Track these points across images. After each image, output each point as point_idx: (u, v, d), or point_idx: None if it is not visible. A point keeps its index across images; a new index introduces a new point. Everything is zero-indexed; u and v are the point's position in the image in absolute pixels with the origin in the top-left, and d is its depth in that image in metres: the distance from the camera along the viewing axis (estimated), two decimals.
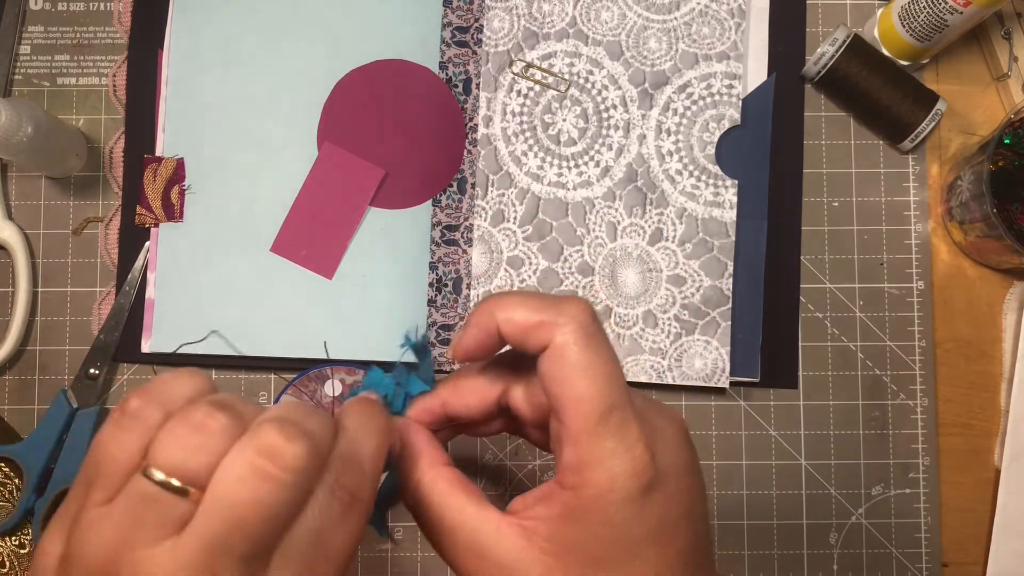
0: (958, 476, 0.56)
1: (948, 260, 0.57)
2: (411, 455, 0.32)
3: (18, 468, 0.55)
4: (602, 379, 0.29)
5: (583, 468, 0.28)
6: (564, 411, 0.29)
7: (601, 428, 0.28)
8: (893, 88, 0.55)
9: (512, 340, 0.31)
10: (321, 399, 0.55)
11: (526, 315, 0.30)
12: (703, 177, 0.56)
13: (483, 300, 0.32)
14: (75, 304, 0.57)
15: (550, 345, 0.29)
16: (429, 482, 0.31)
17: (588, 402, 0.28)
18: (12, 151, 0.51)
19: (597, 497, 0.28)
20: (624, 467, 0.28)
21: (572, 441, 0.29)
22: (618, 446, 0.28)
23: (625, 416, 0.29)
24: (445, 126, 0.57)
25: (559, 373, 0.29)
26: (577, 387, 0.29)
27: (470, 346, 0.32)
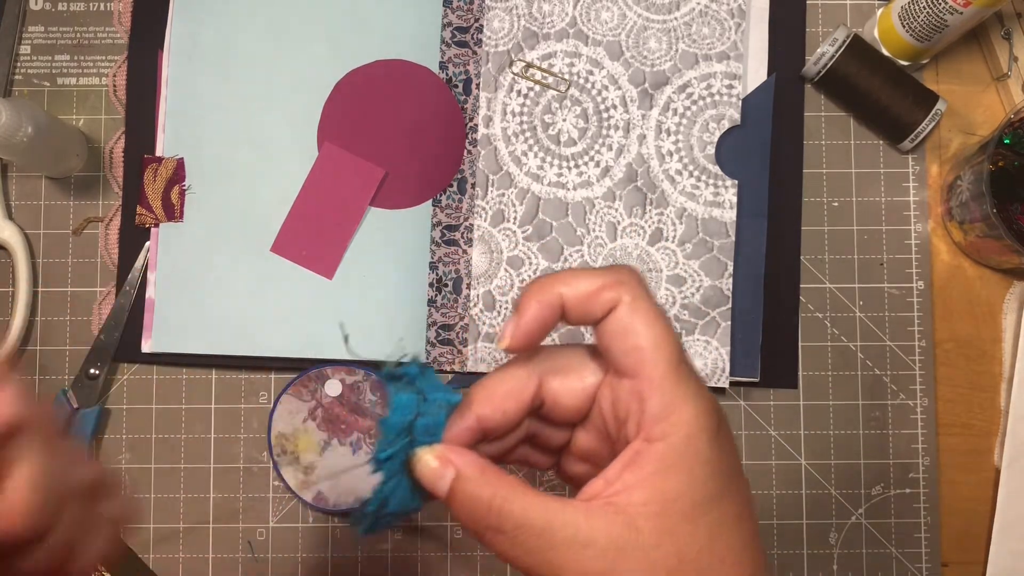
0: (958, 476, 0.56)
1: (948, 260, 0.57)
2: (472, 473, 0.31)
3: None
4: (670, 329, 0.31)
5: (671, 412, 0.29)
6: (644, 361, 0.30)
7: (681, 370, 0.30)
8: (893, 88, 0.55)
9: (576, 310, 0.31)
10: (321, 399, 0.55)
11: (591, 281, 0.31)
12: (703, 177, 0.56)
13: (530, 283, 0.32)
14: (75, 304, 0.57)
15: (619, 303, 0.31)
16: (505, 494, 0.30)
17: (668, 347, 0.30)
18: (12, 151, 0.51)
19: (690, 437, 0.29)
20: (706, 403, 0.30)
21: (657, 388, 0.30)
22: (696, 388, 0.30)
23: (690, 363, 0.31)
24: (445, 126, 0.57)
25: (635, 325, 0.30)
26: (655, 334, 0.30)
27: (532, 327, 0.32)
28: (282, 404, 0.55)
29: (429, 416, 0.32)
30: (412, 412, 0.32)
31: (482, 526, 0.30)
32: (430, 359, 0.56)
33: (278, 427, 0.55)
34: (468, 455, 0.32)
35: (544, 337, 0.32)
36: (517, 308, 0.32)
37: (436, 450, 0.32)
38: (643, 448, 0.30)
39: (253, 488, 0.56)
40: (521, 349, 0.32)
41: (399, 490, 0.32)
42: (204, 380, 0.57)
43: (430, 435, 0.32)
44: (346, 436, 0.55)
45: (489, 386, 0.33)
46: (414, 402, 0.32)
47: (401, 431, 0.32)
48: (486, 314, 0.55)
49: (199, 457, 0.56)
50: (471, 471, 0.31)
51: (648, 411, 0.30)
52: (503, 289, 0.56)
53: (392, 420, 0.32)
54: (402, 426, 0.32)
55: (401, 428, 0.32)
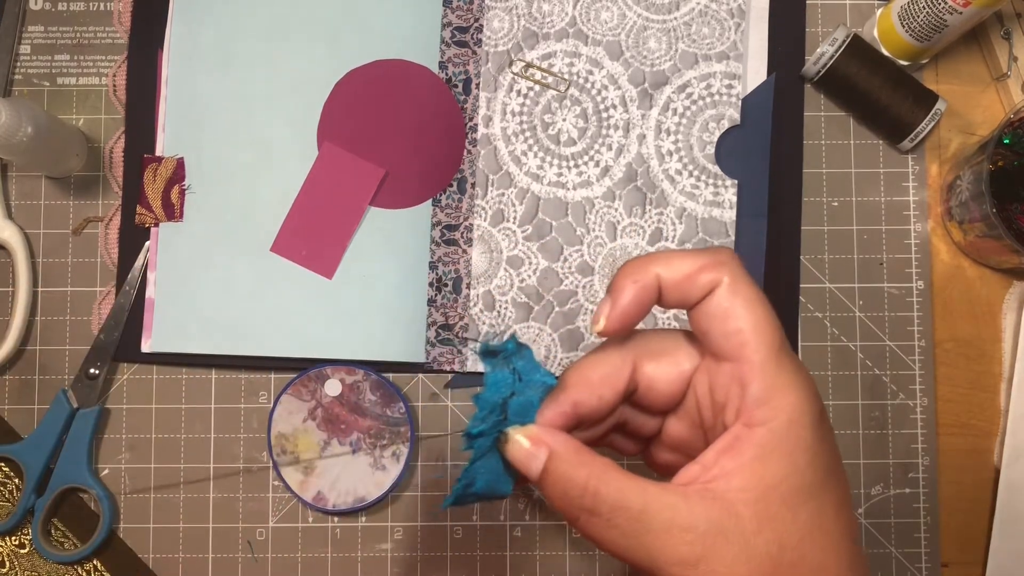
0: (958, 476, 0.56)
1: (948, 260, 0.57)
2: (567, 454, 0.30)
3: (18, 468, 0.55)
4: (771, 311, 0.30)
5: (773, 397, 0.29)
6: (745, 344, 0.29)
7: (782, 355, 0.29)
8: (893, 88, 0.55)
9: (675, 291, 0.31)
10: (321, 399, 0.55)
11: (690, 261, 0.30)
12: (703, 177, 0.56)
13: (625, 264, 0.31)
14: (75, 304, 0.57)
15: (720, 284, 0.30)
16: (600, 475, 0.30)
17: (769, 331, 0.29)
18: (12, 151, 0.51)
19: (791, 423, 0.29)
20: (808, 390, 0.29)
21: (759, 372, 0.29)
22: (798, 371, 0.29)
23: (790, 346, 0.30)
24: (445, 126, 0.57)
25: (736, 307, 0.30)
26: (755, 318, 0.30)
27: (629, 310, 0.31)
28: (282, 404, 0.55)
29: (523, 396, 0.31)
30: (507, 390, 0.31)
31: (576, 507, 0.30)
32: (430, 359, 0.56)
33: (278, 427, 0.55)
34: (561, 435, 0.31)
35: (639, 321, 0.31)
36: (612, 289, 0.31)
37: (529, 430, 0.31)
38: (743, 433, 0.29)
39: (253, 488, 0.56)
40: (616, 333, 0.31)
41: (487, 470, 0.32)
42: (204, 380, 0.57)
43: (523, 415, 0.31)
44: (346, 436, 0.55)
45: (584, 370, 0.32)
46: (509, 380, 0.31)
47: (494, 408, 0.31)
48: (486, 314, 0.55)
49: (199, 457, 0.56)
50: (566, 451, 0.30)
51: (749, 395, 0.29)
52: (503, 289, 0.56)
53: (486, 396, 0.31)
54: (495, 403, 0.31)
55: (494, 405, 0.31)
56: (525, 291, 0.56)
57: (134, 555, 0.56)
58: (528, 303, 0.55)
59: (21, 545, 0.56)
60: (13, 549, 0.56)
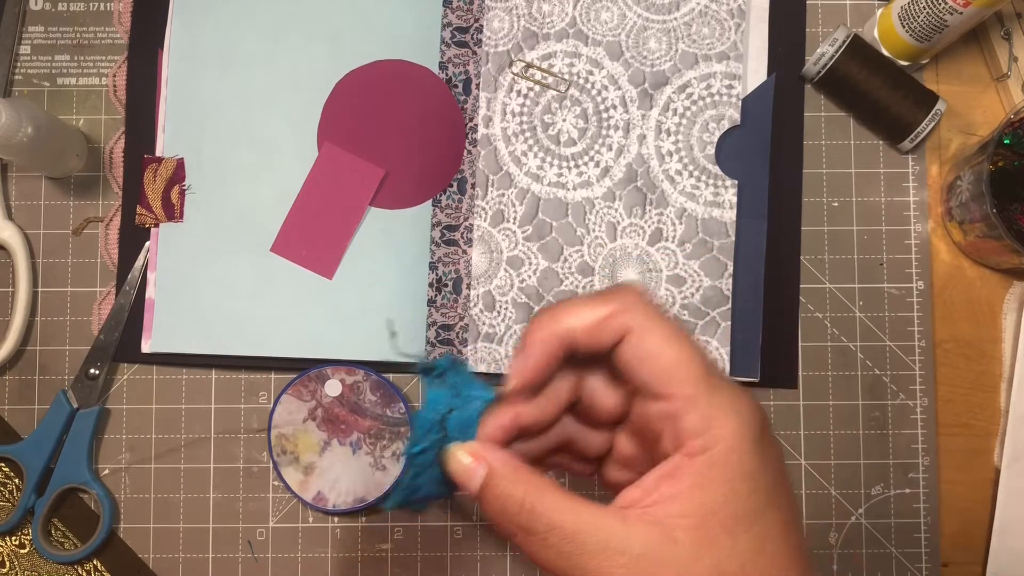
0: (958, 476, 0.56)
1: (948, 260, 0.57)
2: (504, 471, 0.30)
3: (18, 468, 0.55)
4: (688, 343, 0.30)
5: (711, 426, 0.29)
6: (670, 381, 0.29)
7: (712, 381, 0.29)
8: (893, 88, 0.55)
9: (584, 344, 0.31)
10: (321, 399, 0.55)
11: (595, 312, 0.30)
12: (703, 177, 0.56)
13: (534, 319, 0.31)
14: (75, 304, 0.57)
15: (630, 329, 0.30)
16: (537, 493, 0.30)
17: (690, 363, 0.29)
18: (12, 151, 0.51)
19: (731, 450, 0.28)
20: (745, 416, 0.29)
21: (691, 405, 0.29)
22: (732, 395, 0.29)
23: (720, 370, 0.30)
24: (445, 126, 0.57)
25: (652, 348, 0.30)
26: (674, 354, 0.29)
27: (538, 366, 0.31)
28: (282, 404, 0.55)
29: (462, 411, 0.32)
30: (445, 407, 0.32)
31: (513, 524, 0.30)
32: (430, 359, 0.55)
33: (278, 427, 0.55)
34: (501, 452, 0.31)
35: (554, 374, 0.32)
36: (522, 347, 0.31)
37: (469, 446, 0.31)
38: (682, 462, 0.29)
39: (253, 488, 0.56)
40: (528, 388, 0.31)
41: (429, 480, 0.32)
42: (204, 380, 0.57)
43: (463, 431, 0.32)
44: (346, 436, 0.55)
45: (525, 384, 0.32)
46: (447, 397, 0.32)
47: (433, 426, 0.31)
48: (486, 314, 0.55)
49: (199, 457, 0.56)
50: (504, 468, 0.30)
51: (684, 429, 0.29)
52: (503, 289, 0.56)
53: (424, 414, 0.31)
54: (434, 421, 0.31)
55: (433, 423, 0.31)
56: (525, 291, 0.56)
57: (134, 555, 0.56)
58: (528, 303, 0.55)
59: (21, 545, 0.56)
60: (13, 549, 0.56)
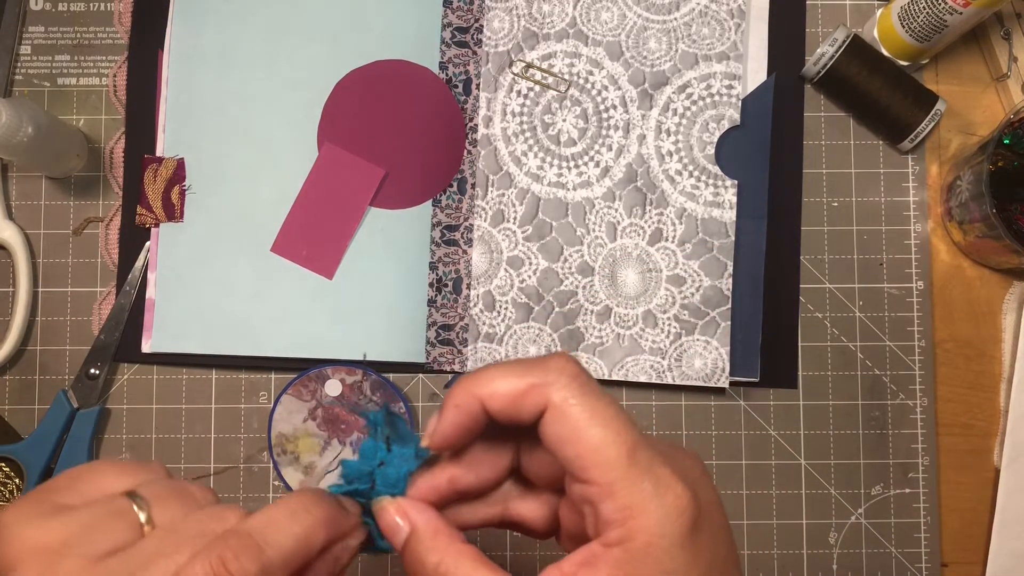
0: (958, 476, 0.56)
1: (948, 260, 0.57)
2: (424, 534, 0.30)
3: (18, 468, 0.55)
4: (614, 422, 0.28)
5: (628, 518, 0.27)
6: (588, 467, 0.27)
7: (633, 470, 0.27)
8: (893, 88, 0.55)
9: (502, 413, 0.29)
10: (321, 399, 0.55)
11: (512, 383, 0.29)
12: (703, 177, 0.56)
13: (457, 381, 0.30)
14: (75, 304, 0.57)
15: (548, 406, 0.28)
16: (452, 563, 0.29)
17: (611, 447, 0.27)
18: (12, 151, 0.51)
19: (648, 545, 0.27)
20: (670, 507, 0.27)
21: (608, 493, 0.27)
22: (657, 486, 0.27)
23: (651, 454, 0.28)
24: (445, 126, 0.57)
25: (568, 430, 0.28)
26: (593, 436, 0.27)
27: (449, 431, 0.30)
28: (282, 404, 0.55)
29: (393, 467, 0.31)
30: (376, 460, 0.31)
31: None
32: (430, 359, 0.56)
33: (278, 427, 0.55)
34: (427, 513, 0.30)
35: (468, 439, 0.31)
36: (441, 409, 0.30)
37: (398, 503, 0.31)
38: (599, 551, 0.27)
39: (253, 488, 0.56)
40: (444, 450, 0.31)
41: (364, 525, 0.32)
42: (204, 380, 0.57)
43: (391, 486, 0.31)
44: (346, 436, 0.55)
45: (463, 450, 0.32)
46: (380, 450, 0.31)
47: (361, 476, 0.31)
48: (486, 314, 0.55)
49: (199, 457, 0.56)
50: (424, 532, 0.30)
51: (601, 516, 0.27)
52: (503, 289, 0.56)
53: (354, 464, 0.31)
54: (363, 472, 0.31)
55: (362, 473, 0.31)
56: (525, 291, 0.56)
57: None
58: (528, 303, 0.55)
59: None
60: None
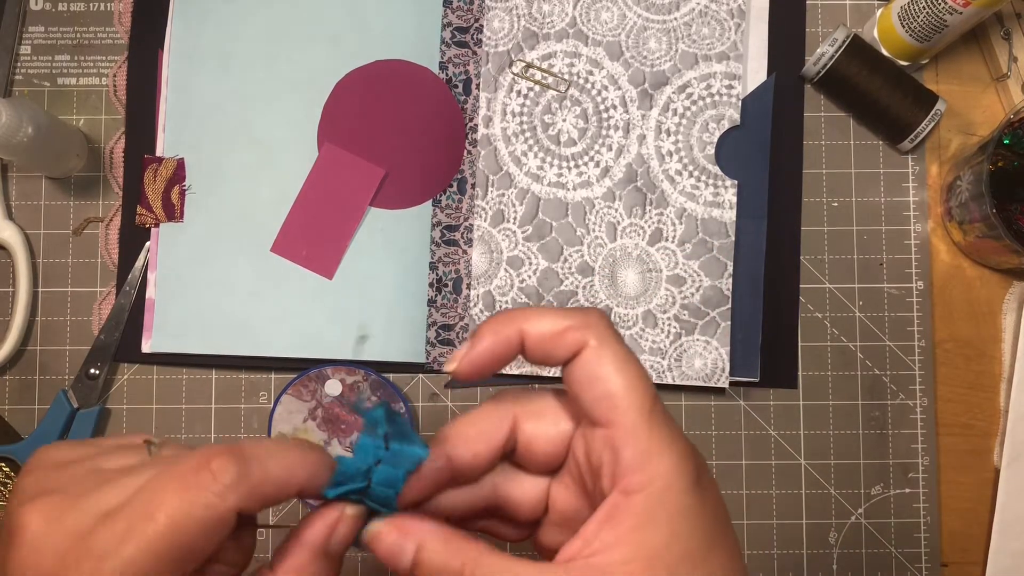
0: (958, 476, 0.56)
1: (948, 260, 0.57)
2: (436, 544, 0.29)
3: (18, 468, 0.55)
4: (642, 372, 0.29)
5: (648, 461, 0.28)
6: (614, 408, 0.29)
7: (655, 417, 0.29)
8: (893, 88, 0.55)
9: (538, 349, 0.30)
10: (321, 399, 0.55)
11: (555, 321, 0.30)
12: (703, 177, 0.56)
13: (495, 315, 0.31)
14: (75, 304, 0.57)
15: (585, 347, 0.29)
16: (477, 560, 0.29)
17: (639, 393, 0.29)
18: (12, 151, 0.51)
19: (668, 488, 0.28)
20: (683, 451, 0.28)
21: (631, 436, 0.28)
22: (672, 433, 0.29)
23: (664, 408, 0.29)
24: (445, 126, 0.57)
25: (603, 371, 0.29)
26: (625, 380, 0.29)
27: (481, 359, 0.30)
28: (282, 404, 0.55)
29: (391, 466, 0.30)
30: (373, 458, 0.30)
31: None
32: (430, 359, 0.56)
33: (278, 427, 0.55)
34: (428, 522, 0.29)
35: (496, 371, 0.31)
36: (473, 336, 0.30)
37: (392, 523, 0.29)
38: (620, 502, 0.28)
39: None
40: (467, 377, 0.31)
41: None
42: (204, 380, 0.57)
43: (388, 486, 0.30)
44: (346, 436, 0.55)
45: (461, 425, 0.32)
46: (377, 449, 0.30)
47: (357, 474, 0.29)
48: (486, 314, 0.55)
49: None
50: (436, 539, 0.29)
51: (623, 461, 0.28)
52: (503, 289, 0.56)
53: (350, 461, 0.29)
54: (360, 470, 0.29)
55: (358, 472, 0.29)
56: (525, 291, 0.56)
57: None
58: (528, 304, 0.55)
59: None
60: None
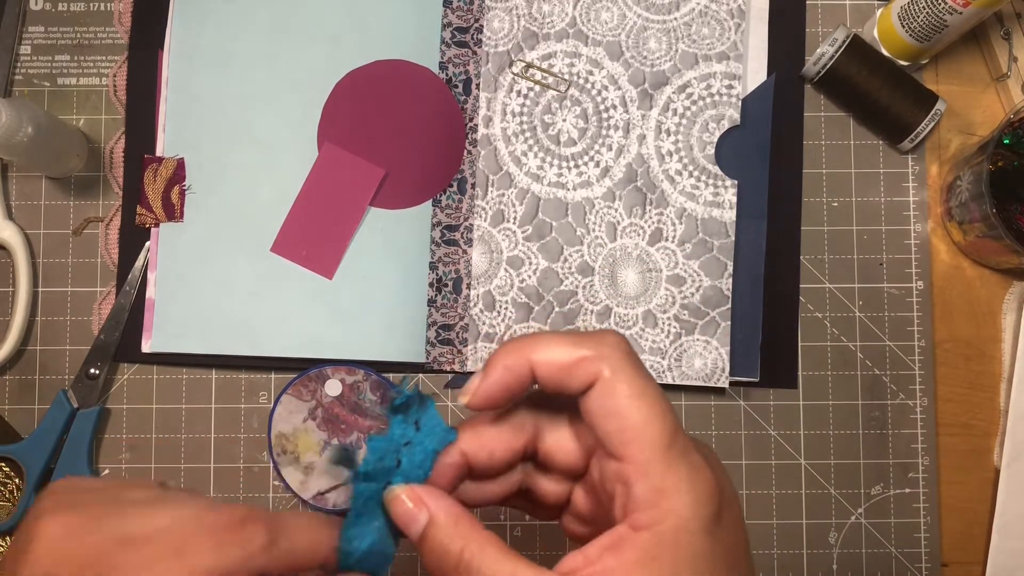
0: (958, 476, 0.56)
1: (947, 260, 0.57)
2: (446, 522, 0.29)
3: (18, 468, 0.55)
4: (659, 404, 0.28)
5: (661, 499, 0.27)
6: (629, 443, 0.28)
7: (671, 453, 0.27)
8: (893, 88, 0.55)
9: (551, 380, 0.29)
10: (321, 399, 0.55)
11: (567, 352, 0.29)
12: (703, 177, 0.56)
13: (507, 342, 0.30)
14: (75, 304, 0.57)
15: (599, 379, 0.28)
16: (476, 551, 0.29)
17: (654, 426, 0.28)
18: (12, 151, 0.51)
19: (679, 529, 0.27)
20: (700, 492, 0.27)
21: (643, 472, 0.27)
22: (691, 471, 0.27)
23: (687, 440, 0.28)
24: (445, 126, 0.57)
25: (617, 404, 0.28)
26: (640, 414, 0.28)
27: (493, 391, 0.30)
28: (282, 404, 0.55)
29: (420, 446, 0.31)
30: (403, 438, 0.31)
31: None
32: (430, 359, 0.56)
33: (278, 427, 0.55)
34: (444, 500, 0.30)
35: (509, 401, 0.31)
36: (486, 366, 0.30)
37: (412, 489, 0.30)
38: (627, 534, 0.27)
39: (253, 488, 0.56)
40: (481, 409, 0.30)
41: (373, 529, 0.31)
42: (204, 380, 0.57)
43: (417, 466, 0.31)
44: (346, 436, 0.55)
45: (479, 424, 0.32)
46: (407, 429, 0.31)
47: (387, 454, 0.31)
48: (486, 314, 0.55)
49: (199, 457, 0.56)
50: (445, 519, 0.29)
51: (634, 497, 0.27)
52: (503, 289, 0.56)
53: (380, 441, 0.31)
54: (389, 449, 0.31)
55: (387, 451, 0.31)
56: (525, 291, 0.56)
57: None
58: (528, 303, 0.55)
59: None
60: None
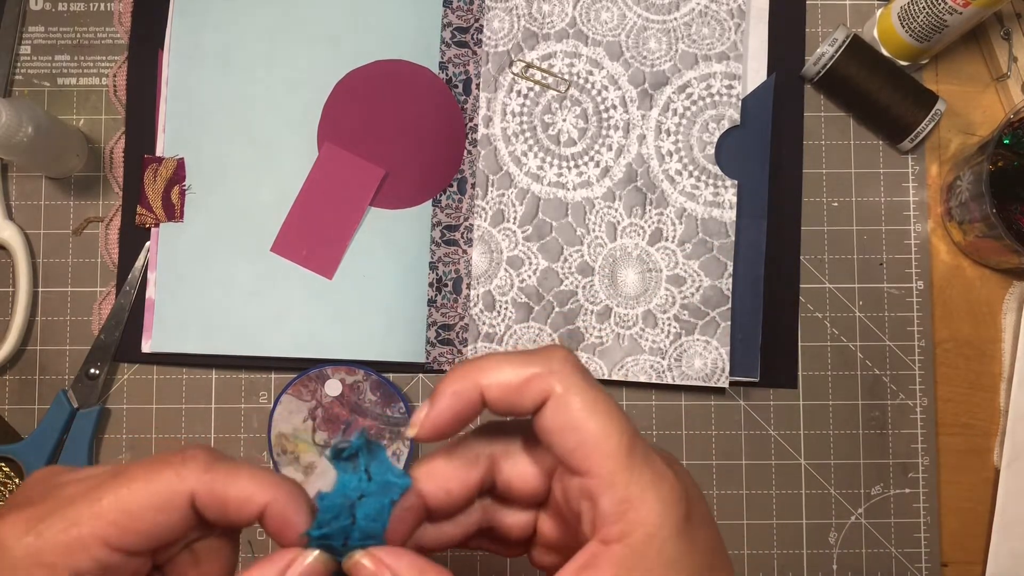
0: (958, 476, 0.56)
1: (948, 260, 0.57)
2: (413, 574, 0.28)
3: (18, 468, 0.55)
4: (615, 414, 0.28)
5: (628, 509, 0.27)
6: (589, 455, 0.27)
7: (633, 461, 0.27)
8: (893, 88, 0.55)
9: (502, 403, 0.28)
10: (321, 399, 0.55)
11: (515, 372, 0.28)
12: (703, 177, 0.56)
13: (452, 369, 0.29)
14: (75, 304, 0.57)
15: (551, 395, 0.28)
16: None
17: (612, 437, 0.27)
18: (12, 151, 0.51)
19: (650, 537, 0.27)
20: (666, 497, 0.27)
21: (607, 484, 0.27)
22: (655, 476, 0.27)
23: (646, 446, 0.28)
24: (445, 126, 0.57)
25: (572, 418, 0.27)
26: (596, 425, 0.27)
27: (442, 420, 0.29)
28: (282, 404, 0.55)
29: (375, 498, 0.29)
30: (356, 492, 0.29)
31: None
32: (430, 359, 0.56)
33: (278, 427, 0.55)
34: (406, 556, 0.29)
35: (459, 429, 0.30)
36: (432, 395, 0.29)
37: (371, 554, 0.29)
38: (600, 550, 0.27)
39: None
40: (430, 440, 0.29)
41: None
42: (204, 380, 0.57)
43: (374, 519, 0.29)
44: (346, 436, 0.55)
45: (434, 464, 0.31)
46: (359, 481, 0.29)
47: (341, 511, 0.29)
48: (486, 314, 0.55)
49: None
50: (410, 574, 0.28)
51: (601, 510, 0.27)
52: (503, 289, 0.56)
53: (332, 498, 0.28)
54: (343, 506, 0.29)
55: (342, 508, 0.29)
56: (525, 291, 0.56)
57: None
58: (528, 303, 0.55)
59: None
60: None
